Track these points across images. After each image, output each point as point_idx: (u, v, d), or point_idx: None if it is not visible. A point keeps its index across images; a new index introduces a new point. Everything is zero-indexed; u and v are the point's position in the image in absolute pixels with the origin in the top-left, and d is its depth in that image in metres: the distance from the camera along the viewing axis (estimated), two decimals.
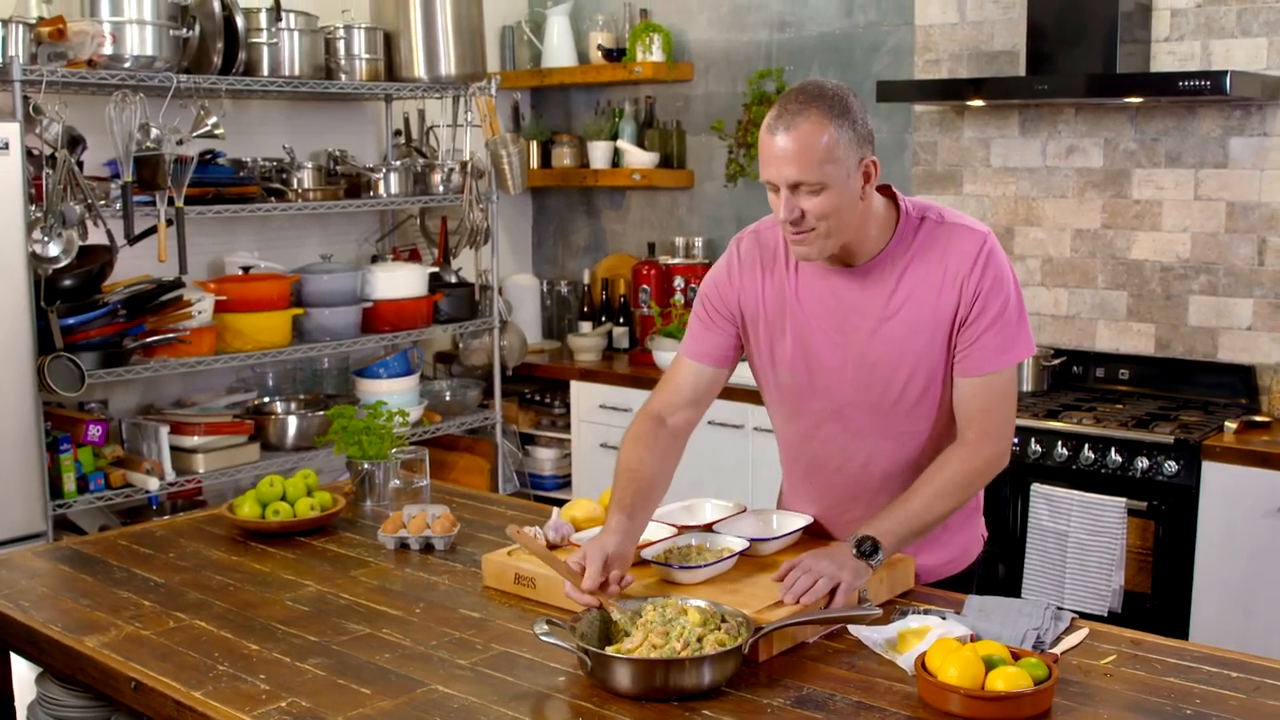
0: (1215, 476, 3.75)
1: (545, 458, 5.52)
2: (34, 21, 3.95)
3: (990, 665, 1.93)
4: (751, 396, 3.24)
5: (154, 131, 4.05)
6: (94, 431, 4.06)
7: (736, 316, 2.57)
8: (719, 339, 2.59)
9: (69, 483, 3.94)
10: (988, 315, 2.38)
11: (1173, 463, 3.79)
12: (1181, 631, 3.78)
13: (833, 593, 2.24)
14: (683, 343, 2.64)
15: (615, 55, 5.52)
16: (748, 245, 2.58)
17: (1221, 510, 3.74)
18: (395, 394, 4.79)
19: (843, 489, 2.60)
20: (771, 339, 2.54)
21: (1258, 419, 3.95)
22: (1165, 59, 4.30)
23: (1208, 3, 4.21)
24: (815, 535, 2.63)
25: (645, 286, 5.44)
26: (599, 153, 5.62)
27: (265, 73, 4.47)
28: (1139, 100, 4.19)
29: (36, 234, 3.77)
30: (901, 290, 2.41)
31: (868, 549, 2.30)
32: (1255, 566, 3.69)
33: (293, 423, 4.55)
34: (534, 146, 5.79)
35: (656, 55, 5.39)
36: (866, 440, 2.52)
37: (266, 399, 4.74)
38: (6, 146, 3.64)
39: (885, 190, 2.46)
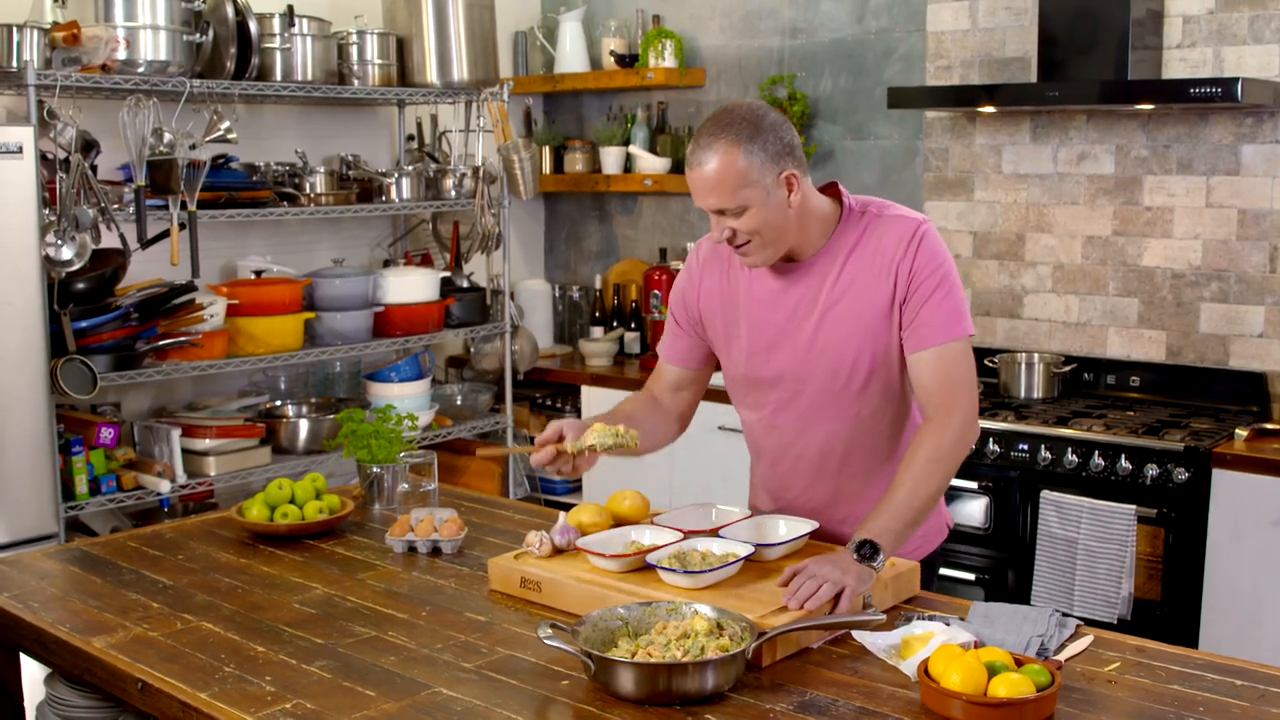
0: (1226, 484, 3.74)
1: None
2: (49, 26, 3.98)
3: (993, 671, 1.93)
4: None
5: (167, 136, 4.06)
6: (106, 434, 4.08)
7: (697, 320, 2.76)
8: (688, 343, 2.80)
9: (81, 485, 3.96)
10: (925, 289, 2.51)
11: (1183, 470, 3.78)
12: (1191, 640, 3.77)
13: (837, 598, 2.25)
14: (659, 344, 2.85)
15: (628, 61, 5.53)
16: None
17: (1232, 518, 3.73)
18: (407, 398, 4.80)
19: (806, 474, 2.71)
20: (728, 335, 2.69)
21: (1269, 427, 3.94)
22: (1177, 66, 4.29)
23: (1220, 9, 4.20)
24: (822, 540, 2.63)
25: (656, 292, 5.45)
26: (611, 158, 5.63)
27: (278, 78, 4.49)
28: (1151, 107, 4.19)
29: (50, 237, 3.79)
30: (843, 278, 2.56)
31: (868, 552, 2.32)
32: (1265, 574, 3.68)
33: (304, 426, 4.57)
34: (546, 152, 5.80)
35: (669, 61, 5.40)
36: (821, 425, 2.64)
37: (278, 402, 4.75)
38: (21, 150, 3.66)
39: (832, 189, 2.62)
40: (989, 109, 4.48)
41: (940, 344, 2.50)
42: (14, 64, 3.85)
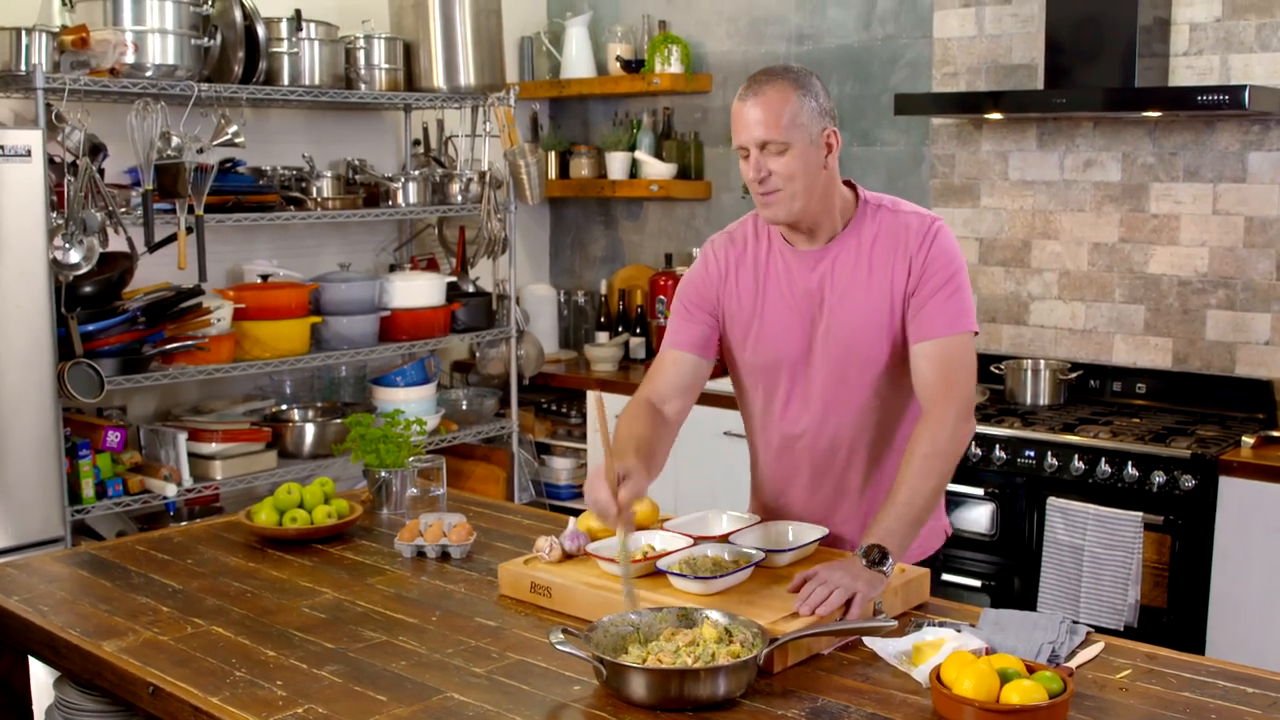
0: (1232, 491, 3.74)
1: (561, 467, 5.52)
2: (57, 30, 3.98)
3: (1005, 678, 1.92)
4: None
5: (175, 140, 4.07)
6: (113, 438, 4.08)
7: (715, 309, 2.74)
8: (699, 329, 2.75)
9: (87, 488, 3.96)
10: (935, 282, 2.55)
11: (1189, 477, 3.78)
12: (1198, 647, 3.77)
13: (848, 604, 2.25)
14: (665, 337, 2.81)
15: (634, 66, 5.53)
16: (720, 242, 2.78)
17: (1238, 525, 3.73)
18: (412, 402, 4.80)
19: (811, 467, 2.72)
20: (746, 321, 2.70)
21: (1275, 434, 3.94)
22: (1184, 73, 4.30)
23: (1227, 17, 4.20)
24: (832, 547, 2.64)
25: (662, 297, 5.45)
26: (617, 163, 5.63)
27: (285, 82, 4.49)
28: (1157, 114, 4.19)
29: (58, 241, 3.79)
30: (861, 267, 2.59)
31: (876, 557, 2.32)
32: (1272, 581, 3.68)
33: (310, 430, 4.57)
34: (552, 157, 5.81)
35: (675, 67, 5.41)
36: (832, 415, 2.66)
37: (284, 406, 4.76)
38: (29, 154, 3.66)
39: (847, 183, 2.66)
40: (995, 116, 4.48)
41: (943, 336, 2.53)
42: (22, 67, 3.86)
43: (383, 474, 3.17)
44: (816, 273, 2.62)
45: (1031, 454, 4.04)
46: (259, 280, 4.71)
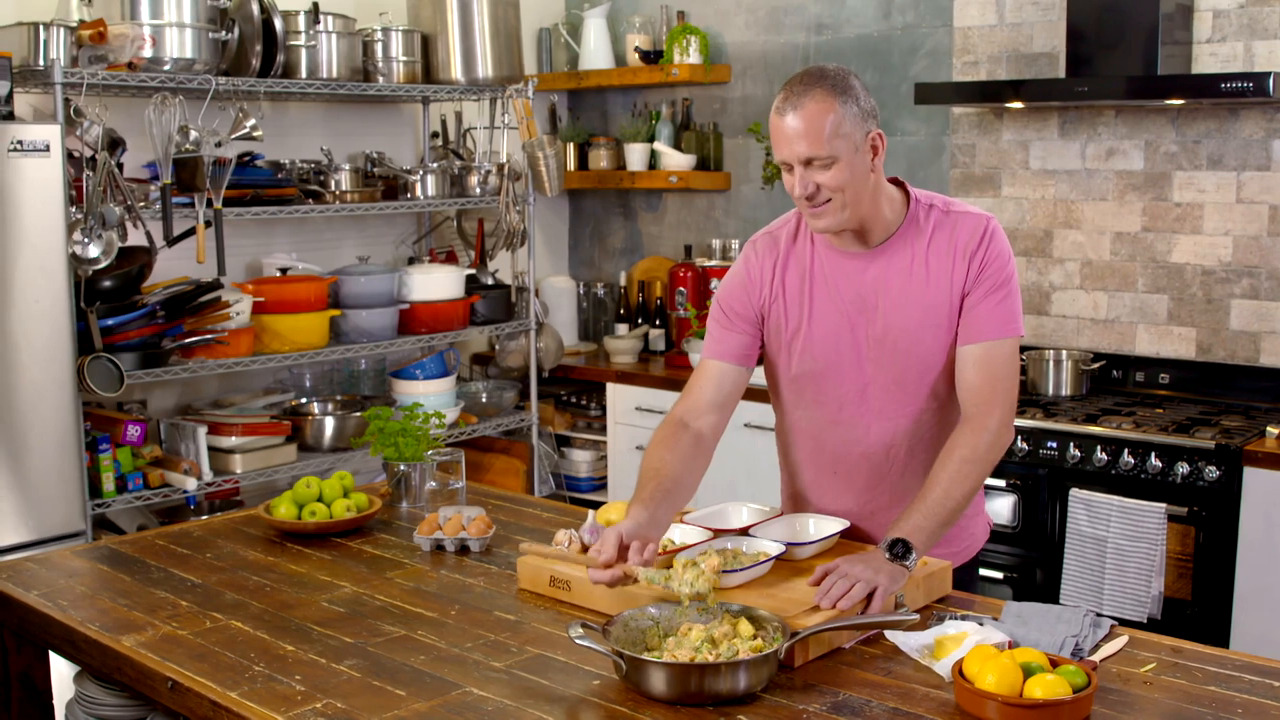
0: (1257, 482, 3.71)
1: (581, 460, 5.52)
2: (75, 25, 3.99)
3: (1029, 672, 1.91)
4: None
5: (193, 134, 4.07)
6: (133, 432, 4.09)
7: (756, 316, 2.65)
8: (739, 339, 2.66)
9: (108, 482, 3.97)
10: (989, 284, 2.50)
11: (1213, 468, 3.75)
12: (1222, 639, 3.74)
13: (869, 597, 2.23)
14: (704, 346, 2.70)
15: (652, 57, 5.51)
16: (763, 245, 2.68)
17: (1263, 516, 3.70)
18: (432, 395, 4.80)
19: (867, 474, 2.65)
20: (793, 328, 2.61)
21: None
22: (1207, 60, 4.26)
23: (1250, 4, 4.16)
24: (852, 539, 2.62)
25: (682, 289, 5.44)
26: (636, 155, 5.62)
27: (303, 75, 4.49)
28: (1180, 102, 4.16)
29: (77, 235, 3.80)
30: (918, 268, 2.52)
31: (900, 551, 2.30)
32: None
33: (329, 424, 4.57)
34: (571, 148, 5.80)
35: (693, 58, 5.39)
36: (888, 420, 2.59)
37: (303, 400, 4.76)
38: (48, 148, 3.66)
39: (895, 181, 2.59)
40: (1016, 105, 4.45)
41: (991, 340, 2.49)
42: (41, 62, 3.86)
43: (402, 467, 3.16)
44: (869, 275, 2.54)
45: (1054, 445, 4.02)
46: (278, 274, 4.71)
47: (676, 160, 5.51)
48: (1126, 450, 3.90)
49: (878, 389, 2.57)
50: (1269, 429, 3.84)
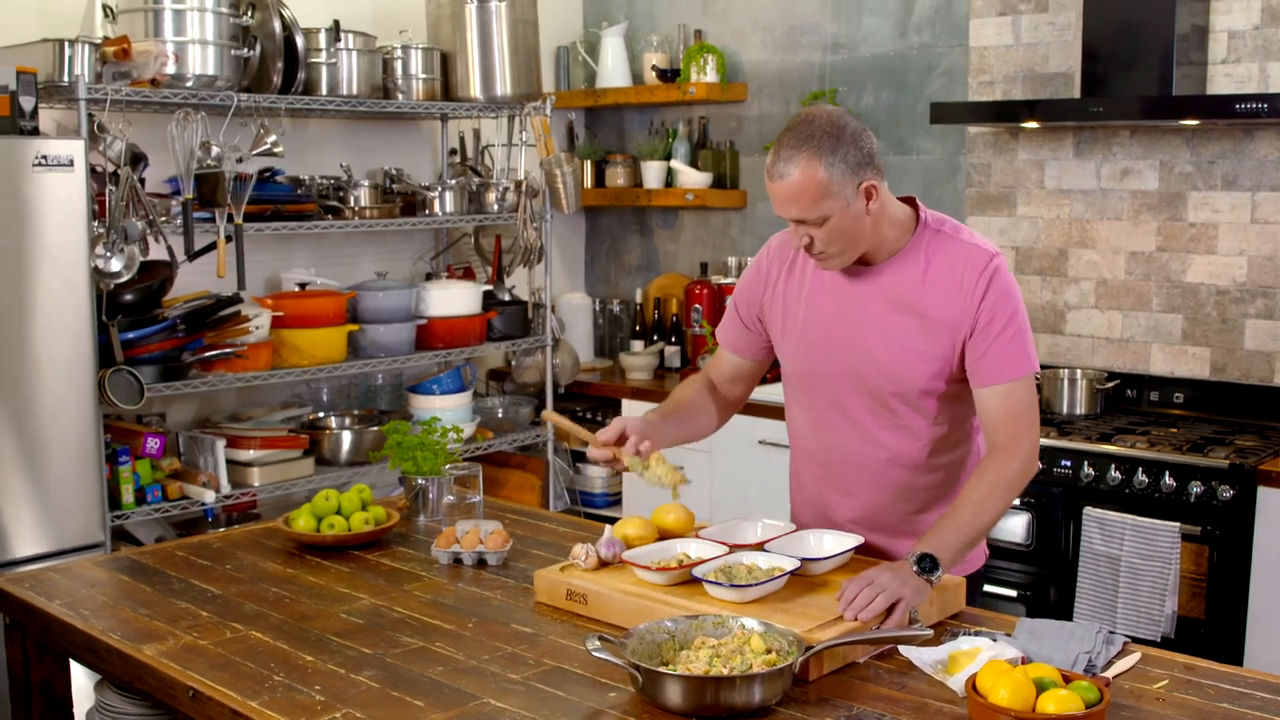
0: (1271, 502, 3.71)
1: (596, 475, 5.53)
2: (99, 41, 4.03)
3: (1041, 688, 1.92)
4: None
5: (214, 149, 4.11)
6: (152, 444, 4.12)
7: (758, 313, 2.80)
8: (745, 335, 2.86)
9: (127, 494, 4.00)
10: (996, 326, 2.52)
11: (1227, 488, 3.75)
12: (1236, 659, 3.74)
13: (889, 611, 2.25)
14: (719, 328, 2.94)
15: (669, 76, 5.54)
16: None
17: (1277, 536, 3.70)
18: (448, 410, 4.83)
19: (855, 478, 2.71)
20: (786, 330, 2.72)
21: None
22: (1222, 81, 4.27)
23: (1265, 24, 4.18)
24: (867, 555, 2.63)
25: (698, 306, 5.46)
26: (652, 172, 5.65)
27: (324, 92, 4.53)
28: (1195, 123, 4.17)
29: (99, 249, 3.84)
30: (910, 290, 2.57)
31: (928, 565, 2.33)
32: None
33: (347, 438, 4.59)
34: (588, 166, 5.82)
35: (710, 76, 5.42)
36: (869, 432, 2.65)
37: (321, 414, 4.78)
38: (71, 163, 3.70)
39: (908, 200, 2.64)
40: (1032, 124, 4.47)
41: (1009, 381, 2.52)
42: (65, 78, 3.90)
43: (419, 481, 3.19)
44: (861, 293, 2.61)
45: (1068, 464, 4.03)
46: (297, 288, 4.75)
47: (693, 178, 5.54)
48: (1140, 469, 3.90)
49: (854, 400, 2.65)
50: None
